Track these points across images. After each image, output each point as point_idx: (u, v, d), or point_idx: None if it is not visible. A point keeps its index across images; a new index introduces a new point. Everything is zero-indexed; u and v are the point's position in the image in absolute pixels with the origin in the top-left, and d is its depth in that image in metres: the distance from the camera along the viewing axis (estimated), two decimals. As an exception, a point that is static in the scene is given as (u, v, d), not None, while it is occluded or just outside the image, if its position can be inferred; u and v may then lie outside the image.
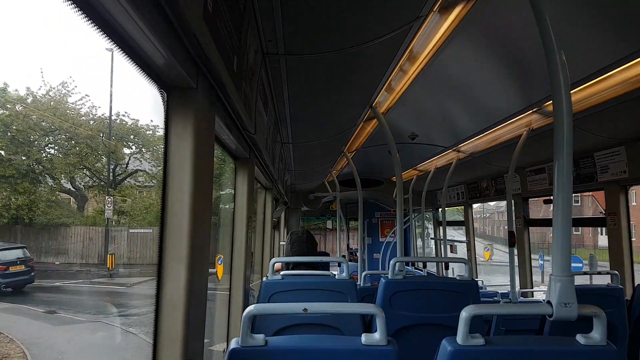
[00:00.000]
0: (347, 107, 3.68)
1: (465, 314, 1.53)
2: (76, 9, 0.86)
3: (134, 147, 25.73)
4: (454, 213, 10.78)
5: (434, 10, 2.27)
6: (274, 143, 3.84)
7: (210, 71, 1.44)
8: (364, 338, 1.55)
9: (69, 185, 24.91)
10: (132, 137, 25.31)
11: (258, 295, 3.03)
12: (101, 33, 0.97)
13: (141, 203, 24.92)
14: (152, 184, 25.42)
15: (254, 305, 1.60)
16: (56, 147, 24.11)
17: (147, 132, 25.53)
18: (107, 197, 23.42)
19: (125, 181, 25.73)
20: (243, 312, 2.89)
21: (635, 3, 2.28)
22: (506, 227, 5.30)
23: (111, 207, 23.11)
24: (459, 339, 1.51)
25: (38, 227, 22.94)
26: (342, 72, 2.71)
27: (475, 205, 8.77)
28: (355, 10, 1.97)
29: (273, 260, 3.16)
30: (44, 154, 23.41)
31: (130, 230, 23.79)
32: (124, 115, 25.13)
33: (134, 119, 25.27)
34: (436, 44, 2.94)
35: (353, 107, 3.69)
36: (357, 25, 2.10)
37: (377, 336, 1.54)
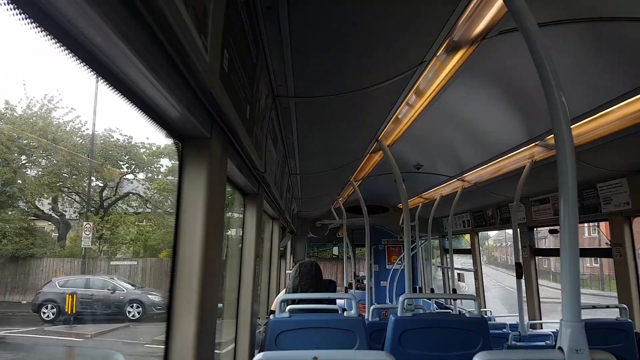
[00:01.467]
0: (353, 140, 3.76)
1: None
2: (92, 72, 0.90)
3: (125, 167, 22.52)
4: (461, 242, 10.74)
5: (439, 54, 2.36)
6: (282, 175, 3.90)
7: (224, 121, 1.48)
8: None
9: (49, 211, 21.40)
10: (123, 155, 22.33)
11: (264, 332, 3.00)
12: (121, 95, 1.02)
13: (127, 230, 21.56)
14: (148, 209, 22.59)
15: (263, 353, 1.59)
16: (30, 165, 20.65)
17: (142, 150, 22.75)
18: (85, 222, 20.24)
19: (118, 206, 22.49)
20: (249, 350, 2.90)
21: (634, 43, 2.37)
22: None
23: (89, 235, 19.81)
24: None
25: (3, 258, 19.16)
26: (350, 110, 2.79)
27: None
28: (361, 55, 2.06)
29: (279, 297, 3.15)
30: (16, 173, 19.81)
31: (112, 263, 20.67)
32: (114, 132, 22.34)
33: (126, 136, 22.58)
34: (441, 83, 3.04)
35: (360, 140, 3.77)
36: (363, 69, 2.19)
37: None
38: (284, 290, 3.86)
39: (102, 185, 22.27)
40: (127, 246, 21.93)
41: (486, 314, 3.44)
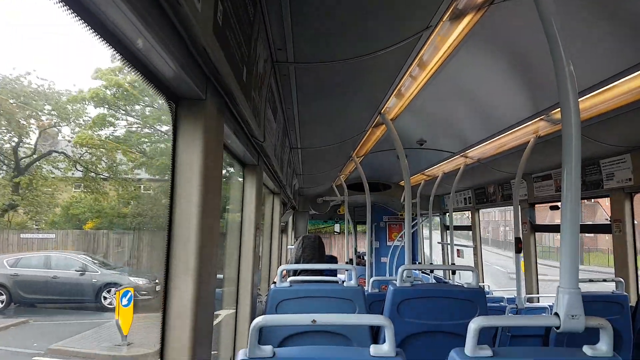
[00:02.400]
0: (355, 113, 3.72)
1: (473, 325, 1.54)
2: (84, 23, 0.88)
3: (45, 119, 18.38)
4: (462, 219, 10.77)
5: (444, 19, 2.31)
6: (283, 148, 3.88)
7: (219, 82, 1.45)
8: (372, 349, 1.55)
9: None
10: (42, 104, 18.27)
11: (265, 302, 3.04)
12: (110, 47, 0.99)
13: (43, 194, 17.82)
14: (79, 172, 18.86)
15: (262, 316, 1.60)
16: None
17: (64, 99, 18.62)
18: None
19: (40, 167, 18.34)
20: (250, 318, 2.93)
21: None
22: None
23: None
24: (467, 350, 1.52)
25: None
26: (352, 79, 2.74)
27: (483, 211, 8.72)
28: (365, 19, 2.00)
29: (281, 267, 3.17)
30: None
31: (22, 236, 16.89)
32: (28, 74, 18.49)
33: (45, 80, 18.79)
34: (446, 52, 2.98)
35: (362, 113, 3.73)
36: (367, 34, 2.13)
37: (385, 347, 1.55)
38: (285, 264, 3.89)
39: (16, 140, 17.70)
40: (44, 215, 18.40)
41: (483, 288, 3.49)
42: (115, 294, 11.38)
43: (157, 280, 14.20)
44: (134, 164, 19.87)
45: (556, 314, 1.57)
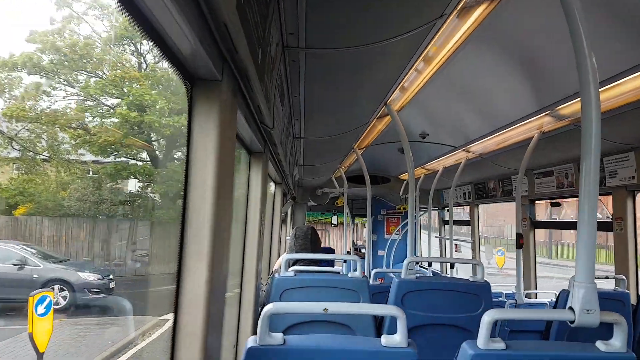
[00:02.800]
0: (361, 103, 3.71)
1: (487, 317, 1.52)
2: None
3: None
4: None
5: (458, 8, 2.29)
6: (287, 137, 3.87)
7: (235, 63, 1.43)
8: (384, 340, 1.54)
9: None
10: None
11: (268, 290, 3.03)
12: (131, 18, 0.96)
13: None
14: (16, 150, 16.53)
15: (274, 303, 1.59)
16: None
17: None
18: None
19: None
20: (254, 306, 2.92)
21: None
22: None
23: None
24: (480, 342, 1.51)
25: None
26: (359, 68, 2.73)
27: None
28: (377, 6, 1.99)
29: (285, 256, 3.17)
30: None
31: None
32: None
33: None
34: (453, 46, 2.97)
35: (367, 104, 3.72)
36: (378, 21, 2.12)
37: (397, 338, 1.54)
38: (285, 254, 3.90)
39: None
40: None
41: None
42: (58, 291, 10.46)
43: (111, 277, 13.13)
44: (77, 141, 17.69)
45: (570, 308, 1.56)
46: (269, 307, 1.55)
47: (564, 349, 1.60)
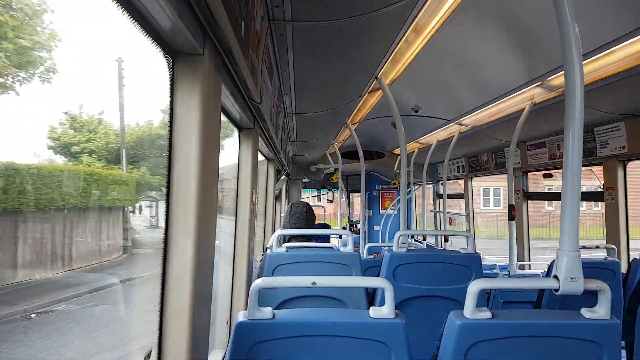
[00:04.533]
0: (352, 77, 3.68)
1: (473, 287, 1.54)
2: None
3: None
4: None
5: None
6: (278, 113, 3.85)
7: (217, 36, 1.41)
8: (372, 311, 1.55)
9: None
10: None
11: (261, 266, 3.05)
12: None
13: None
14: None
15: (262, 278, 1.59)
16: None
17: None
18: None
19: None
20: (246, 282, 2.95)
21: None
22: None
23: None
24: (467, 312, 1.52)
25: None
26: (349, 41, 2.70)
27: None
28: None
29: (278, 232, 3.17)
30: None
31: None
32: None
33: None
34: (442, 17, 2.94)
35: (358, 77, 3.69)
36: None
37: (385, 309, 1.55)
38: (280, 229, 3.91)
39: None
40: None
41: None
42: None
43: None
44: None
45: (555, 276, 1.58)
46: (257, 282, 1.55)
47: (549, 316, 1.63)
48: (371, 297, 3.02)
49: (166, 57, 1.36)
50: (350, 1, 2.09)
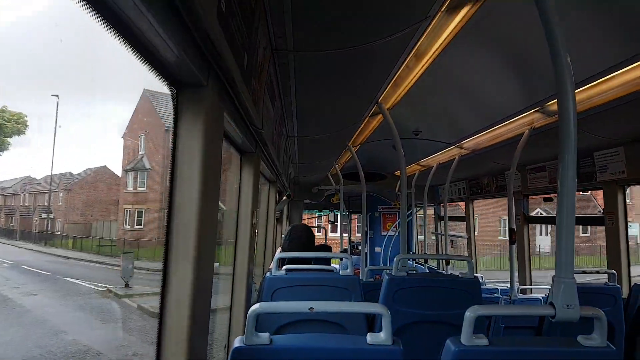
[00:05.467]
0: (353, 102, 3.73)
1: (470, 314, 1.54)
2: (87, 6, 0.87)
3: None
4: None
5: (442, 10, 2.32)
6: (280, 137, 3.89)
7: (221, 68, 1.45)
8: (369, 337, 1.55)
9: None
10: None
11: (260, 289, 3.03)
12: (112, 30, 0.98)
13: None
14: None
15: (260, 303, 1.59)
16: None
17: None
18: None
19: None
20: (245, 305, 2.94)
21: (637, 6, 2.33)
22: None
23: None
24: (464, 339, 1.53)
25: None
26: (350, 69, 2.75)
27: None
28: (364, 8, 2.01)
29: (277, 255, 3.17)
30: None
31: None
32: None
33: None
34: (443, 43, 2.99)
35: (359, 102, 3.74)
36: (365, 23, 2.14)
37: (382, 336, 1.55)
38: (278, 251, 3.90)
39: None
40: None
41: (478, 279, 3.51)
42: None
43: None
44: None
45: (551, 303, 1.59)
46: (255, 307, 1.56)
47: (545, 343, 1.63)
48: (371, 320, 3.00)
49: (170, 88, 1.40)
50: (351, 32, 2.14)
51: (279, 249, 3.74)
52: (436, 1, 2.07)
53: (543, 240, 29.04)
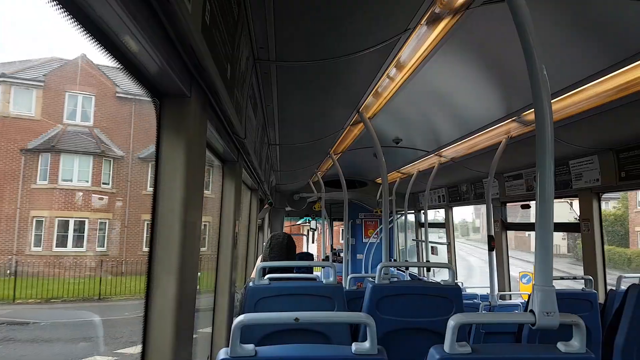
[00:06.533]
0: (334, 111, 3.76)
1: (452, 322, 1.56)
2: (69, 16, 0.87)
3: None
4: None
5: (422, 23, 2.36)
6: (262, 145, 3.89)
7: (204, 79, 1.45)
8: (354, 347, 1.56)
9: None
10: None
11: (243, 299, 3.01)
12: (96, 42, 0.99)
13: None
14: None
15: (244, 315, 1.59)
16: None
17: None
18: None
19: None
20: (228, 315, 2.92)
21: (611, 20, 2.41)
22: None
23: None
24: (447, 347, 1.55)
25: None
26: (331, 78, 2.78)
27: None
28: (345, 20, 2.04)
29: (259, 264, 3.16)
30: None
31: None
32: None
33: None
34: (423, 54, 3.05)
35: (340, 111, 3.77)
36: (346, 35, 2.17)
37: (367, 345, 1.56)
38: (259, 260, 3.88)
39: None
40: None
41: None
42: None
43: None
44: None
45: (531, 311, 1.61)
46: (239, 319, 1.56)
47: (525, 351, 1.66)
48: (354, 329, 3.01)
49: (153, 99, 1.40)
50: (333, 43, 2.16)
51: (259, 258, 3.72)
52: (416, 14, 2.11)
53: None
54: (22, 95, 20.98)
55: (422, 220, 8.76)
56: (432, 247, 8.82)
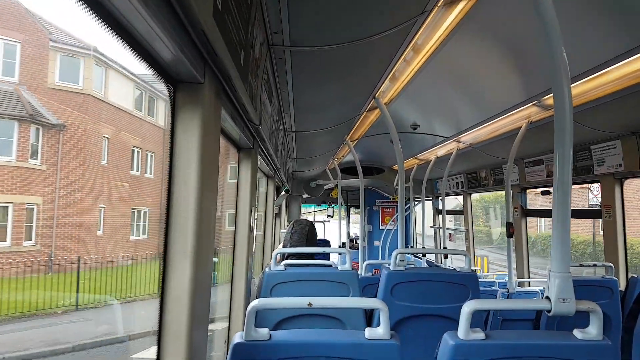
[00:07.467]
0: (350, 97, 3.72)
1: (467, 309, 1.56)
2: (84, 5, 0.88)
3: None
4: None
5: (439, 4, 2.31)
6: (277, 132, 3.89)
7: (217, 66, 1.46)
8: (367, 332, 1.57)
9: None
10: None
11: (259, 285, 3.05)
12: (110, 29, 0.99)
13: None
14: None
15: (258, 299, 1.60)
16: None
17: None
18: None
19: None
20: (245, 301, 2.96)
21: (633, 2, 2.33)
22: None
23: None
24: (461, 333, 1.54)
25: None
26: (347, 64, 2.75)
27: None
28: (360, 3, 2.01)
29: (276, 251, 3.18)
30: None
31: None
32: None
33: None
34: (440, 37, 2.99)
35: (356, 97, 3.74)
36: (362, 18, 2.14)
37: (380, 330, 1.56)
38: (280, 245, 3.91)
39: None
40: None
41: (475, 272, 3.53)
42: None
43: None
44: None
45: (547, 297, 1.60)
46: (254, 304, 1.57)
47: (542, 337, 1.64)
48: (369, 316, 3.02)
49: (167, 85, 1.41)
50: (348, 27, 2.14)
51: (280, 244, 3.75)
52: None
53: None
54: None
55: (440, 207, 8.69)
56: (449, 234, 8.77)
